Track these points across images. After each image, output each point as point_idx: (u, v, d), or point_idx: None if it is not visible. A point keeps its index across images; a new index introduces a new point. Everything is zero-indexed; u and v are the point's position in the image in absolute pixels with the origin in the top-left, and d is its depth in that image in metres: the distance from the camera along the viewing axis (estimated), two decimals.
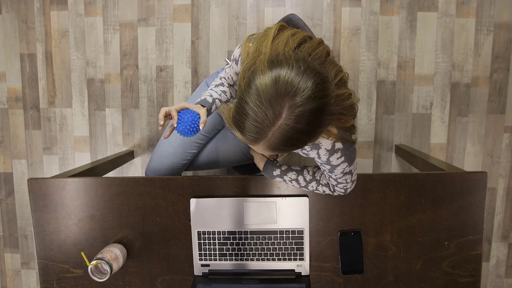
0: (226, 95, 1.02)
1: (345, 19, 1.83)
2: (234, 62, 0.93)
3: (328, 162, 0.88)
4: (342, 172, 0.91)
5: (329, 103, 0.67)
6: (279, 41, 0.76)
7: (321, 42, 0.80)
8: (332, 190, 1.01)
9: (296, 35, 0.77)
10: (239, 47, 0.91)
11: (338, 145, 0.85)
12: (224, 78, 1.03)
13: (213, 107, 0.97)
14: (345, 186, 0.97)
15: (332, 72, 0.75)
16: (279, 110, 0.63)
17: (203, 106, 0.94)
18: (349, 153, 0.87)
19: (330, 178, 0.96)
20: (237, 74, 0.93)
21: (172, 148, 1.26)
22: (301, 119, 0.63)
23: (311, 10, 1.83)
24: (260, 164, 1.07)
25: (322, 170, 0.96)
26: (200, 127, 0.88)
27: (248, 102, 0.65)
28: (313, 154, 0.89)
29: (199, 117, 0.89)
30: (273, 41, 0.77)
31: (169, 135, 0.95)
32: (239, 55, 0.89)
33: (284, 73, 0.63)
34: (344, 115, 0.78)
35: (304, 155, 0.92)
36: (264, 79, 0.64)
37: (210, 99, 0.96)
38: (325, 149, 0.86)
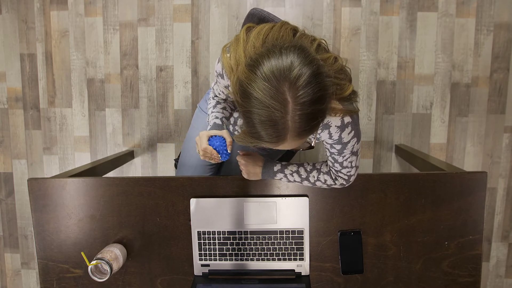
0: (227, 110, 1.04)
1: (345, 19, 1.83)
2: (220, 77, 0.94)
3: (339, 140, 0.89)
4: (351, 151, 0.92)
5: (320, 64, 0.67)
6: (249, 45, 0.77)
7: (283, 24, 0.80)
8: (334, 178, 1.01)
9: (260, 33, 0.78)
10: (218, 62, 0.92)
11: (347, 119, 0.86)
12: (216, 96, 1.04)
13: (224, 126, 0.99)
14: (349, 171, 0.97)
15: (306, 41, 0.76)
16: (282, 97, 0.63)
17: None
18: (358, 127, 0.89)
19: (335, 163, 0.96)
20: (226, 87, 0.94)
21: (192, 169, 1.30)
22: (307, 90, 0.64)
23: (311, 10, 1.83)
24: (257, 170, 1.06)
25: (328, 155, 0.97)
26: (228, 150, 0.91)
27: (252, 112, 0.65)
28: (324, 135, 0.90)
29: (225, 140, 0.92)
30: (245, 47, 0.77)
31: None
32: (222, 69, 0.90)
33: (265, 66, 0.64)
34: (339, 79, 0.78)
35: (316, 140, 0.93)
36: (254, 84, 0.65)
37: (219, 121, 0.98)
38: (335, 126, 0.86)
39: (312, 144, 0.87)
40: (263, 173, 1.05)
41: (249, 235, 1.09)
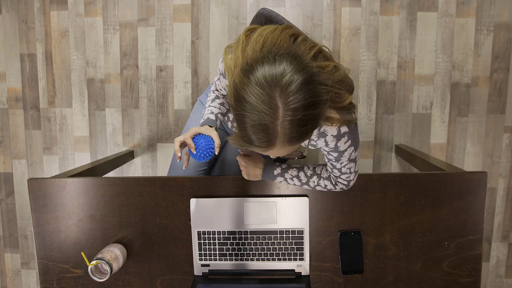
0: (225, 106, 1.03)
1: (345, 19, 1.83)
2: (222, 76, 0.94)
3: (336, 148, 0.89)
4: (348, 159, 0.92)
5: (313, 72, 0.67)
6: (249, 48, 0.76)
7: (284, 28, 0.78)
8: (334, 183, 1.01)
9: (261, 35, 0.76)
10: (222, 61, 0.92)
11: (344, 129, 0.86)
12: (217, 90, 1.04)
13: (218, 122, 0.99)
14: (348, 177, 0.97)
15: (303, 48, 0.75)
16: (273, 102, 0.64)
17: (210, 126, 0.95)
18: (355, 136, 0.89)
19: (334, 169, 0.96)
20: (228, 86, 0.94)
21: (182, 170, 1.30)
22: (297, 97, 0.64)
23: (311, 10, 1.83)
24: (257, 171, 1.06)
25: (326, 161, 0.97)
26: (216, 152, 0.90)
27: (244, 115, 0.66)
28: (321, 143, 0.90)
29: (213, 141, 0.90)
30: (244, 50, 0.77)
31: (187, 164, 0.94)
32: (224, 69, 0.90)
33: (259, 72, 0.65)
34: (339, 90, 0.77)
35: (312, 147, 0.93)
36: (247, 88, 0.65)
37: (213, 117, 0.98)
38: (332, 135, 0.87)
39: (304, 154, 0.87)
40: (263, 175, 1.05)
41: (249, 235, 1.09)
